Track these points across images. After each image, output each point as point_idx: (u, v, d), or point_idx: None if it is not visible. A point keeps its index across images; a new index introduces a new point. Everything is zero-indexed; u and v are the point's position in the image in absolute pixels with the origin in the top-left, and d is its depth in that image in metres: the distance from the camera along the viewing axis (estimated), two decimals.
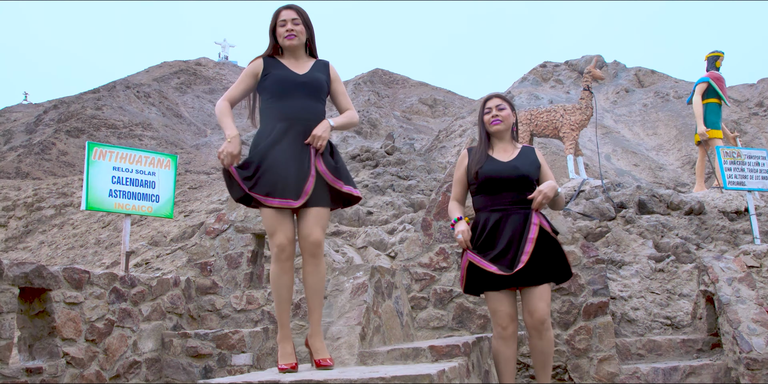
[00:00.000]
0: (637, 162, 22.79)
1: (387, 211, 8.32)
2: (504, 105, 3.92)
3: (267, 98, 3.38)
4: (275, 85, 3.35)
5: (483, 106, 3.97)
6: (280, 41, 3.43)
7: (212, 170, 23.81)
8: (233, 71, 44.15)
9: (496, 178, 3.76)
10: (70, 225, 11.12)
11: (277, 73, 3.39)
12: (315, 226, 3.24)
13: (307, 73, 3.42)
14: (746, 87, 28.21)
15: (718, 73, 8.54)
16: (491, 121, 3.88)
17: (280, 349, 3.28)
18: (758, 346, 4.74)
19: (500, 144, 3.93)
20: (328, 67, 3.54)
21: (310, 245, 3.24)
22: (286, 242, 3.21)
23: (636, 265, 6.57)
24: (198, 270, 6.12)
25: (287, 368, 3.16)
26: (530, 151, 3.93)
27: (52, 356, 4.38)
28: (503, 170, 3.76)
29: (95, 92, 31.58)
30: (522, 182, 3.75)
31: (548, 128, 8.75)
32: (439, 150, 23.43)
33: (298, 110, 3.32)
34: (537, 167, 3.84)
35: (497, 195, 3.76)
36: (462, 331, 5.37)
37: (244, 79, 3.46)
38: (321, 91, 3.43)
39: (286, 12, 3.45)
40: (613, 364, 5.05)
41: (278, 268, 3.25)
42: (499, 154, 3.87)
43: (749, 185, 6.81)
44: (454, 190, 3.98)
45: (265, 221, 3.29)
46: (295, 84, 3.35)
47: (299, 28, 3.42)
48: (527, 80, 31.32)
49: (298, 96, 3.35)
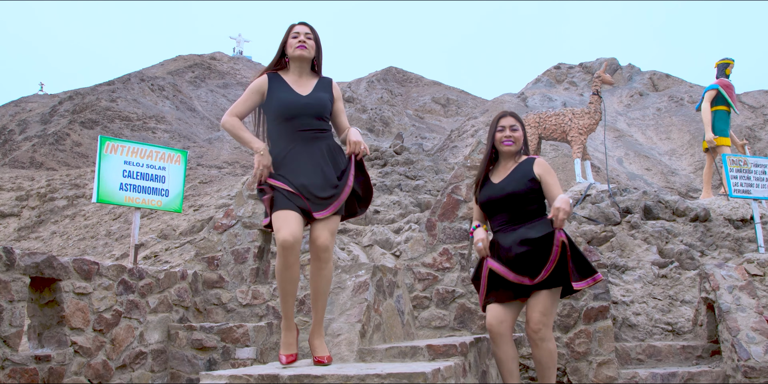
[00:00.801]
0: (650, 166, 22.71)
1: (394, 210, 8.39)
2: (517, 126, 3.96)
3: (273, 119, 3.48)
4: (280, 108, 3.44)
5: (496, 123, 3.99)
6: (290, 51, 3.52)
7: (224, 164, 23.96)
8: (247, 66, 44.30)
9: (488, 202, 3.89)
10: (81, 216, 11.26)
11: (281, 96, 3.46)
12: (323, 230, 3.34)
13: (310, 94, 3.51)
14: (762, 93, 28.01)
15: (728, 80, 8.53)
16: (503, 141, 3.93)
17: (283, 337, 3.39)
18: (756, 355, 4.78)
19: (503, 162, 3.99)
20: (331, 85, 3.63)
21: (317, 248, 3.34)
22: (291, 239, 3.29)
23: (639, 271, 6.60)
24: (205, 264, 6.22)
25: (285, 362, 3.27)
26: (527, 164, 3.94)
27: (60, 345, 4.48)
28: (493, 193, 3.88)
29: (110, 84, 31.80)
30: (510, 200, 3.81)
31: (557, 132, 8.78)
32: (450, 149, 23.45)
33: (303, 129, 3.43)
34: (528, 180, 3.84)
35: (495, 216, 3.90)
36: (463, 332, 5.43)
37: (250, 95, 3.53)
38: (325, 110, 3.53)
39: (301, 27, 3.57)
40: (612, 368, 5.10)
41: (282, 263, 3.33)
42: (497, 175, 3.97)
43: (755, 193, 6.82)
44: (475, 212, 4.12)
45: (273, 219, 3.37)
46: (300, 106, 3.44)
47: (311, 43, 3.53)
48: (541, 81, 31.27)
49: (302, 116, 3.44)
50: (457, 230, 5.60)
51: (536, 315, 3.67)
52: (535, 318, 3.67)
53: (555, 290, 3.74)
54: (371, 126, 32.91)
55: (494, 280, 3.80)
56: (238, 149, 27.13)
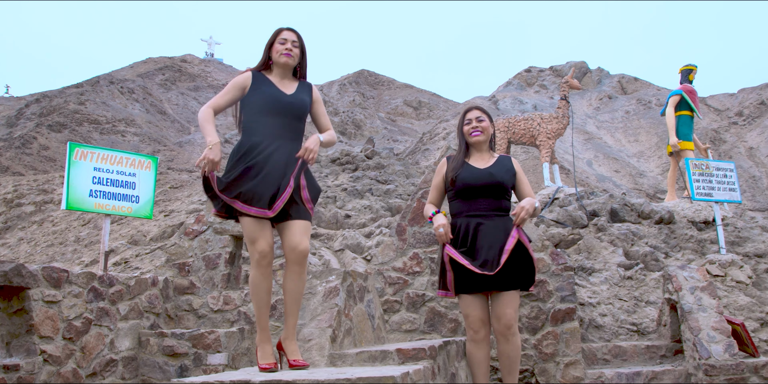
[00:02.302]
0: (618, 168, 23.09)
1: (365, 214, 8.45)
2: (483, 117, 4.10)
3: (253, 113, 3.50)
4: (263, 101, 3.48)
5: (463, 118, 4.15)
6: (276, 57, 3.56)
7: (195, 168, 23.80)
8: (219, 69, 44.01)
9: (472, 185, 3.92)
10: (50, 222, 11.13)
11: (266, 90, 3.51)
12: (303, 236, 3.38)
13: (293, 94, 3.57)
14: (726, 96, 28.64)
15: (691, 86, 8.75)
16: (471, 132, 4.06)
17: (260, 350, 3.40)
18: (717, 353, 4.92)
19: (478, 153, 4.10)
20: (311, 89, 3.69)
21: (298, 255, 3.37)
22: (268, 249, 3.33)
23: (606, 272, 6.74)
24: (176, 270, 6.21)
25: (269, 368, 3.27)
26: (506, 160, 4.10)
27: (29, 354, 4.46)
28: (480, 177, 3.93)
29: (78, 87, 31.38)
30: (497, 189, 3.92)
31: (525, 136, 8.92)
32: (422, 152, 23.59)
33: (282, 128, 3.47)
34: (512, 175, 4.01)
35: (473, 201, 3.93)
36: (433, 335, 5.50)
37: (231, 90, 3.56)
38: (304, 112, 3.59)
39: (289, 33, 3.61)
40: (578, 369, 5.21)
41: (259, 273, 3.36)
42: (476, 162, 4.04)
43: (717, 196, 7.01)
44: (431, 195, 4.15)
45: (246, 229, 3.39)
46: (283, 103, 3.49)
47: (297, 51, 3.58)
48: (512, 85, 31.59)
49: (284, 114, 3.48)
50: (427, 235, 5.67)
51: (509, 311, 3.80)
52: (508, 314, 3.80)
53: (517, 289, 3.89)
54: (343, 129, 32.94)
55: (458, 268, 3.86)
56: None
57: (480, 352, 3.93)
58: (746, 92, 27.48)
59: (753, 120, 25.39)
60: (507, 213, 3.96)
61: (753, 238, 7.25)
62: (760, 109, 25.68)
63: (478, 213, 3.90)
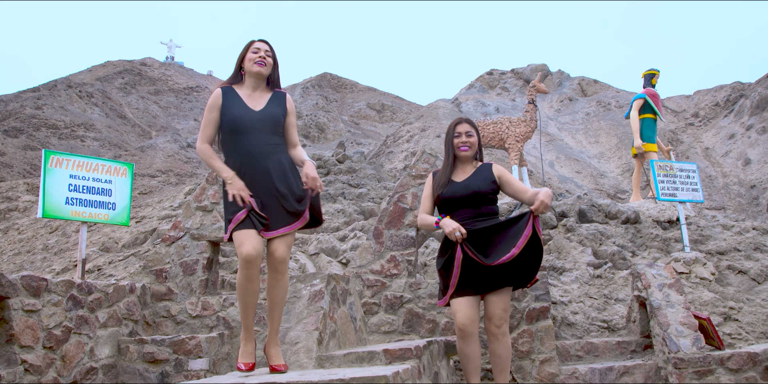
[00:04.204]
0: (580, 169, 23.53)
1: (338, 218, 8.51)
2: (473, 132, 4.26)
3: (226, 133, 3.57)
4: (232, 123, 3.53)
5: (453, 130, 4.26)
6: (249, 66, 3.61)
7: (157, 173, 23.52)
8: (179, 72, 43.53)
9: (450, 198, 4.12)
10: (15, 230, 10.92)
11: (234, 111, 3.55)
12: (280, 243, 3.47)
13: (263, 109, 3.60)
14: (683, 98, 29.42)
15: (654, 89, 9.04)
16: (460, 147, 4.20)
17: (242, 347, 3.47)
18: (685, 347, 5.12)
19: (461, 165, 4.26)
20: (285, 99, 3.74)
21: (274, 261, 3.46)
22: (254, 253, 3.39)
23: (576, 272, 6.93)
24: (153, 277, 6.20)
25: (246, 367, 3.36)
26: (486, 168, 4.26)
27: (10, 364, 4.42)
28: (456, 190, 4.12)
29: (35, 91, 30.72)
30: (474, 198, 4.08)
31: (494, 139, 9.10)
32: (386, 155, 23.70)
33: (256, 144, 3.52)
34: (491, 181, 4.17)
35: (456, 212, 4.12)
36: (412, 335, 5.60)
37: (210, 115, 3.60)
38: (278, 125, 3.63)
39: (261, 44, 3.67)
40: (553, 365, 5.36)
41: (244, 276, 3.42)
42: (457, 175, 4.22)
43: (680, 196, 7.27)
44: (424, 205, 4.30)
45: (235, 235, 3.46)
46: (252, 121, 3.54)
47: (269, 61, 3.63)
48: (474, 87, 31.95)
49: (255, 131, 3.53)
50: (404, 237, 5.77)
51: (499, 311, 3.94)
52: (498, 314, 3.93)
53: (509, 289, 4.01)
54: (307, 132, 32.89)
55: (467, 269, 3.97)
56: (172, 157, 26.67)
57: (468, 347, 4.04)
58: (701, 94, 28.28)
59: (708, 121, 26.14)
60: (493, 216, 4.10)
61: (715, 236, 7.53)
62: (715, 110, 26.46)
63: (461, 222, 4.06)
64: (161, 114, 35.54)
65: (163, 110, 36.20)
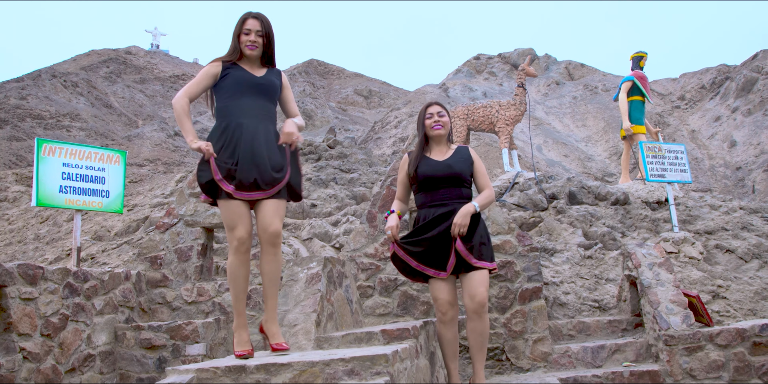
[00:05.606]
0: (567, 153, 23.65)
1: (330, 203, 8.55)
2: (444, 112, 4.32)
3: (226, 96, 3.57)
4: (235, 83, 3.56)
5: (424, 112, 4.33)
6: (241, 48, 3.63)
7: (145, 162, 23.41)
8: (165, 60, 43.17)
9: (431, 176, 4.13)
10: (5, 220, 10.85)
11: (236, 73, 3.60)
12: (274, 217, 3.46)
13: (263, 76, 3.66)
14: (669, 81, 29.54)
15: (642, 72, 9.10)
16: (433, 126, 4.25)
17: (236, 336, 3.46)
18: (675, 324, 5.22)
19: (437, 146, 4.31)
20: (280, 75, 3.79)
21: (270, 236, 3.45)
22: (246, 235, 3.41)
23: (567, 253, 7.02)
24: (148, 264, 6.22)
25: (245, 354, 3.34)
26: (464, 150, 4.32)
27: (8, 351, 4.44)
28: (438, 169, 4.15)
29: (19, 81, 30.39)
30: (456, 179, 4.13)
31: (484, 123, 9.14)
32: (374, 141, 23.70)
33: (255, 108, 3.55)
34: (470, 164, 4.23)
35: (435, 192, 4.15)
36: (406, 317, 5.67)
37: (204, 78, 3.61)
38: (275, 93, 3.68)
39: (253, 21, 3.65)
40: (546, 345, 5.45)
41: (237, 260, 3.43)
42: (435, 155, 4.25)
43: (669, 177, 7.36)
44: (398, 190, 4.35)
45: (225, 215, 3.46)
46: (253, 84, 3.58)
47: (260, 41, 3.64)
48: (461, 72, 31.94)
49: (255, 95, 3.57)
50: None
51: (481, 290, 3.99)
52: (481, 293, 3.98)
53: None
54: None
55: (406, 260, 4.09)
56: (159, 146, 26.53)
57: (448, 332, 4.13)
58: (687, 77, 28.40)
59: (694, 104, 26.30)
60: (468, 200, 4.15)
61: (703, 216, 7.63)
62: (701, 93, 26.61)
63: (440, 202, 4.11)
64: (147, 103, 35.30)
65: (149, 99, 35.95)
